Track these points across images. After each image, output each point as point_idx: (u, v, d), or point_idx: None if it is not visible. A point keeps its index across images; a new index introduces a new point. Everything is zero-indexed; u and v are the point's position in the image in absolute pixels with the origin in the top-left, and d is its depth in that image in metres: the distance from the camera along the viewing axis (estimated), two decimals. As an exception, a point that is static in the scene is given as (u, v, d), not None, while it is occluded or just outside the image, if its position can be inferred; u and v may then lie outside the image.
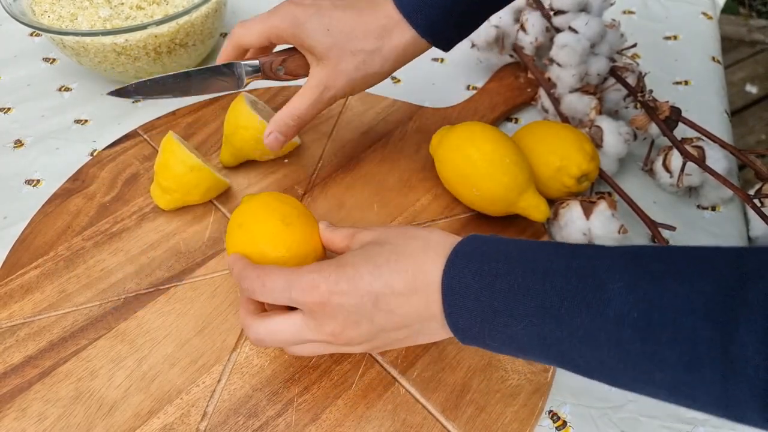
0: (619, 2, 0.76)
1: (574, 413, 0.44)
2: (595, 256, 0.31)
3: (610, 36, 0.60)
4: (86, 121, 0.65)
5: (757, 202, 0.50)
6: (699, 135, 0.55)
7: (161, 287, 0.49)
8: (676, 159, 0.54)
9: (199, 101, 0.64)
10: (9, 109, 0.67)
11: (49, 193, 0.56)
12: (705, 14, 0.78)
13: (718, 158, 0.53)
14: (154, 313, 0.47)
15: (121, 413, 0.42)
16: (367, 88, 0.50)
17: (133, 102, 0.67)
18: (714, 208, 0.56)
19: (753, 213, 0.51)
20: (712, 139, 0.54)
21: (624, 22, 0.74)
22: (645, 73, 0.59)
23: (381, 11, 0.47)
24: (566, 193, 0.53)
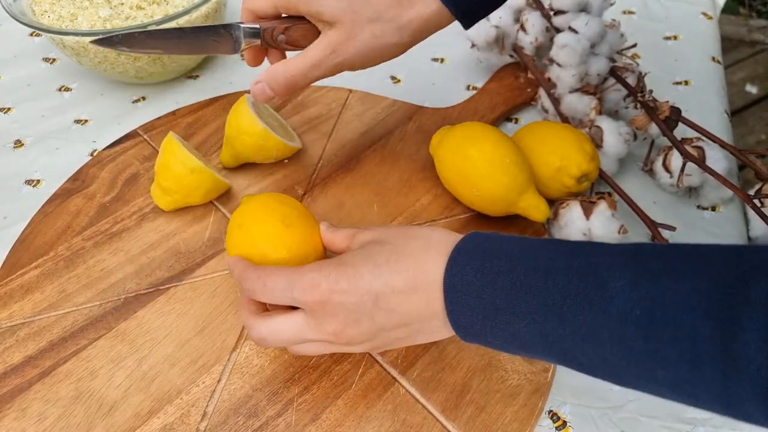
0: (619, 2, 0.76)
1: (574, 413, 0.44)
2: (596, 254, 0.31)
3: (610, 36, 0.60)
4: (86, 121, 0.65)
5: (757, 202, 0.50)
6: (699, 135, 0.55)
7: (161, 287, 0.49)
8: (676, 159, 0.54)
9: (198, 101, 0.64)
10: (9, 109, 0.67)
11: (49, 193, 0.56)
12: (705, 14, 0.78)
13: (718, 158, 0.53)
14: (154, 313, 0.47)
15: (121, 413, 0.42)
16: (378, 63, 0.46)
17: (133, 102, 0.67)
18: (714, 209, 0.56)
19: (753, 213, 0.51)
20: (712, 139, 0.54)
21: (624, 22, 0.74)
22: (645, 73, 0.59)
23: None
24: (566, 193, 0.53)
